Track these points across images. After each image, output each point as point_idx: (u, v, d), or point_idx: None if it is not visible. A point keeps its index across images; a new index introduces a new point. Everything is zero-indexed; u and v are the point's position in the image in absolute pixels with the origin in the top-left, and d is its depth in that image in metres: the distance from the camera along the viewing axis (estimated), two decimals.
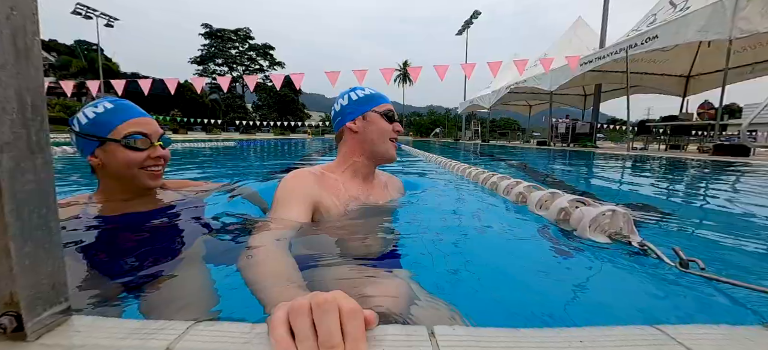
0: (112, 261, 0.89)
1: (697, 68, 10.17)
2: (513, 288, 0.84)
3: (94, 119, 1.04)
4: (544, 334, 0.44)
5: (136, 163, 1.06)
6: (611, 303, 0.78)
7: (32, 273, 0.40)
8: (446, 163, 3.69)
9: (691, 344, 0.43)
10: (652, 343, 0.43)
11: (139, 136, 1.07)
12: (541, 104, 17.66)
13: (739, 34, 5.56)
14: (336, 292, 0.40)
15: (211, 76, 43.61)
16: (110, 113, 1.06)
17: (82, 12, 25.70)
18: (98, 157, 1.05)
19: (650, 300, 0.77)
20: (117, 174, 1.06)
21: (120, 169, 1.05)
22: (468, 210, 1.72)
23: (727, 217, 1.78)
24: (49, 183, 0.42)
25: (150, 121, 1.12)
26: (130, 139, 1.05)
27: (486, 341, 0.43)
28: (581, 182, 3.52)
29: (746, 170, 4.02)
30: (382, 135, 1.27)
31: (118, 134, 1.04)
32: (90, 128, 1.04)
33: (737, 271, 0.96)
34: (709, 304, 0.73)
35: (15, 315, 0.39)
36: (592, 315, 0.74)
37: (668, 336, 0.45)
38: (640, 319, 0.69)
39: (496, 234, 1.27)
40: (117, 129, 1.04)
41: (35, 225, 0.40)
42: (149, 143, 1.09)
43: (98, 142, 1.04)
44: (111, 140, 1.03)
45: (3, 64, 0.36)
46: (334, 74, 8.03)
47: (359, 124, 1.27)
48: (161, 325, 0.44)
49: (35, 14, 0.39)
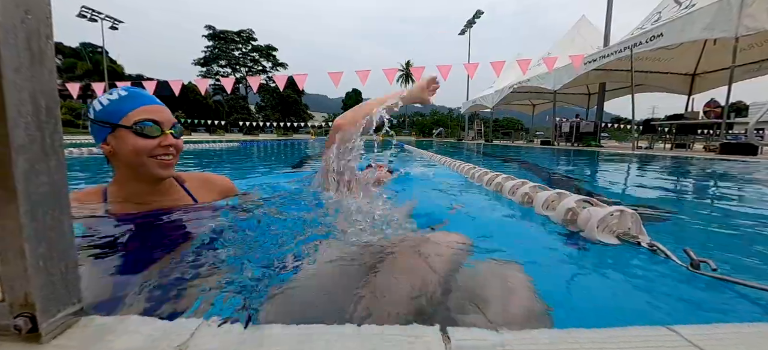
0: (124, 259, 0.89)
1: (703, 66, 10.08)
2: None
3: (107, 106, 1.04)
4: (555, 335, 0.44)
5: (146, 150, 1.04)
6: (621, 304, 0.77)
7: (46, 274, 0.40)
8: (451, 163, 3.68)
9: (704, 345, 0.43)
10: (665, 344, 0.43)
11: (149, 123, 1.04)
12: (545, 103, 17.57)
13: (745, 31, 5.50)
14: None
15: (215, 77, 43.88)
16: (123, 100, 1.05)
17: (87, 15, 25.94)
18: (110, 144, 1.04)
19: (661, 301, 0.76)
20: (127, 161, 1.05)
21: (130, 156, 1.03)
22: (472, 211, 1.71)
23: (736, 217, 1.76)
24: (63, 184, 0.42)
25: (162, 108, 1.10)
26: (140, 126, 1.03)
27: (490, 341, 0.42)
28: (586, 182, 3.50)
29: (754, 169, 3.97)
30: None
31: (129, 120, 1.03)
32: (103, 115, 1.04)
33: (748, 271, 0.95)
34: (721, 305, 0.72)
35: (30, 316, 0.39)
36: (603, 316, 0.74)
37: (681, 337, 0.44)
38: (651, 320, 0.69)
39: (502, 235, 1.26)
40: (128, 115, 1.03)
41: (49, 226, 0.41)
42: (160, 131, 1.06)
43: (110, 129, 1.03)
44: (122, 126, 1.02)
45: (18, 67, 0.36)
46: (336, 75, 8.04)
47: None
48: (172, 325, 0.45)
49: (49, 17, 0.39)
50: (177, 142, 1.11)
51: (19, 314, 0.39)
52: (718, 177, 3.58)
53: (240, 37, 48.17)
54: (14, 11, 0.36)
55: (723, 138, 6.64)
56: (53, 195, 0.41)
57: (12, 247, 0.38)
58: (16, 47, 0.36)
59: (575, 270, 0.97)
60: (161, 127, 1.07)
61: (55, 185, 0.41)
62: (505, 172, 2.12)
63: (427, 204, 1.55)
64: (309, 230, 1.04)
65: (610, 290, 0.83)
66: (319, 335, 0.43)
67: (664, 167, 4.65)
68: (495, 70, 8.60)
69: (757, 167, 4.12)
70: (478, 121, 25.99)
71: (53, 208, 0.41)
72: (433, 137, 27.83)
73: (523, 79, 12.79)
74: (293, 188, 1.80)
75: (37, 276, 0.39)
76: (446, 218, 1.43)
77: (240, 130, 29.79)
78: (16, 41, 0.36)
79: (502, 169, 4.02)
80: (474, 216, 1.59)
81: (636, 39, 7.68)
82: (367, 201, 1.22)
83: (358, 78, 7.99)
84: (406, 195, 1.63)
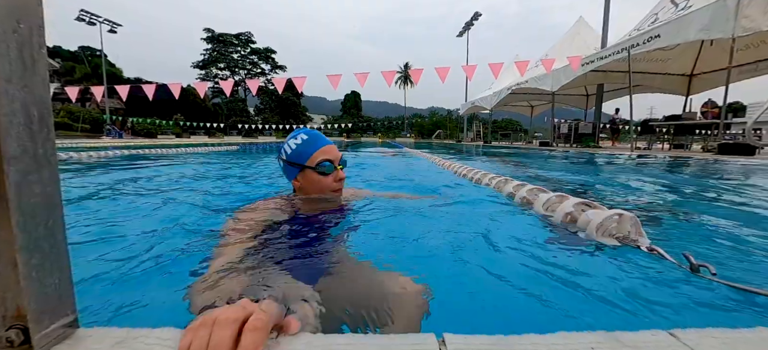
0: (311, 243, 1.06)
1: (700, 67, 10.11)
2: (519, 294, 0.84)
3: (295, 150, 1.28)
4: (553, 340, 0.44)
5: (327, 186, 1.29)
6: (621, 307, 0.77)
7: (39, 285, 0.40)
8: (449, 164, 3.68)
9: (704, 349, 0.42)
10: (664, 348, 0.43)
11: (327, 163, 1.27)
12: (543, 105, 17.59)
13: (741, 32, 5.51)
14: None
15: (214, 80, 43.85)
16: (306, 144, 1.28)
17: (86, 18, 25.93)
18: (299, 181, 1.30)
19: (660, 305, 0.76)
20: (311, 192, 1.30)
21: (313, 190, 1.29)
22: (471, 213, 1.71)
23: (735, 220, 1.76)
24: (56, 194, 0.42)
25: (333, 147, 1.31)
26: (321, 166, 1.26)
27: (488, 347, 0.42)
28: (585, 183, 3.50)
29: (753, 169, 3.98)
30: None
31: (313, 162, 1.26)
32: (293, 157, 1.29)
33: (748, 275, 0.95)
34: (720, 309, 0.72)
35: (22, 329, 0.39)
36: (602, 320, 0.73)
37: (680, 342, 0.44)
38: (651, 324, 0.68)
39: (500, 238, 1.26)
40: (312, 157, 1.26)
41: (42, 237, 0.40)
42: (333, 168, 1.29)
43: (299, 169, 1.28)
44: (308, 167, 1.26)
45: (9, 77, 0.36)
46: (335, 77, 8.04)
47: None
48: (171, 333, 0.44)
49: (41, 27, 0.39)
50: (343, 174, 1.34)
51: (11, 326, 0.39)
52: (717, 179, 3.58)
53: (238, 40, 48.20)
54: (6, 20, 0.36)
55: (721, 138, 6.65)
56: (46, 206, 0.40)
57: (4, 258, 0.38)
58: (8, 57, 0.36)
59: (574, 273, 0.96)
60: (334, 163, 1.29)
61: (48, 195, 0.40)
62: (505, 174, 2.12)
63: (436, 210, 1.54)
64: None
65: (610, 293, 0.83)
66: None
67: (663, 168, 4.66)
68: (493, 72, 8.62)
69: (756, 167, 4.13)
70: (477, 122, 26.03)
71: (46, 219, 0.40)
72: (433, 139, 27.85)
73: (521, 81, 12.82)
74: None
75: (29, 287, 0.39)
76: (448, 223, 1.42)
77: (239, 132, 29.73)
78: (8, 51, 0.36)
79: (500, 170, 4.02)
80: (472, 217, 1.58)
81: (633, 40, 7.69)
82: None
83: (357, 80, 7.99)
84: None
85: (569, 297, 0.82)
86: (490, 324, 0.65)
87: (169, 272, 0.97)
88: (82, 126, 18.14)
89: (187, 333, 0.41)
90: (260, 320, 0.41)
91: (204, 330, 0.40)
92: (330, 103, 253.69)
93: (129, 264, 0.99)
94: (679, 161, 5.46)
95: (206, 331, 0.40)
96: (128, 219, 1.63)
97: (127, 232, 1.36)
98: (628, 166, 5.12)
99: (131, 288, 0.87)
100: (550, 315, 0.73)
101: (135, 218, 1.67)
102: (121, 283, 0.89)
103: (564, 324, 0.69)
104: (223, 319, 0.40)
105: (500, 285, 0.87)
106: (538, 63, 11.79)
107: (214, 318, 0.41)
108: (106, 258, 1.05)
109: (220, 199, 2.20)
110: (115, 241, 1.25)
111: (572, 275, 0.95)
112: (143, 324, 0.46)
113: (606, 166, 5.19)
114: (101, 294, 0.81)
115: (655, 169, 4.55)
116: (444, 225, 1.42)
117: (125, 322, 0.47)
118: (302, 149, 1.28)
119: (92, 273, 0.92)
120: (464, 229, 1.37)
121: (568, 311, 0.75)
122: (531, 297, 0.81)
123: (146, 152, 7.27)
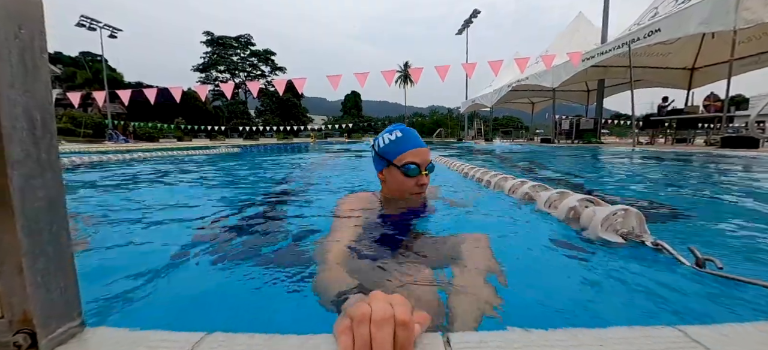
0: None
1: (701, 60, 10.05)
2: (524, 290, 0.83)
3: (387, 144, 1.32)
4: (558, 335, 0.44)
5: (408, 187, 1.31)
6: (627, 303, 0.77)
7: (45, 290, 0.40)
8: (451, 163, 3.68)
9: (711, 344, 0.42)
10: (671, 344, 0.42)
11: (413, 165, 1.29)
12: (544, 101, 17.54)
13: (743, 24, 5.48)
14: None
15: (214, 83, 43.92)
16: (398, 141, 1.31)
17: (86, 24, 26.02)
18: (384, 175, 1.35)
19: (667, 300, 0.75)
20: (392, 188, 1.35)
21: (394, 188, 1.34)
22: (474, 212, 1.70)
23: (740, 213, 1.75)
24: (60, 198, 0.42)
25: (424, 150, 1.32)
26: (407, 168, 1.28)
27: (497, 343, 0.42)
28: (588, 179, 3.49)
29: (757, 162, 3.95)
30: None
31: (400, 161, 1.29)
32: (384, 152, 1.32)
33: (754, 269, 0.94)
34: (727, 303, 0.71)
35: (29, 333, 0.39)
36: (607, 316, 0.73)
37: (688, 337, 0.44)
38: (657, 320, 0.68)
39: (504, 235, 1.26)
40: (400, 156, 1.29)
41: (46, 241, 0.40)
42: (419, 171, 1.30)
43: (386, 164, 1.32)
44: (394, 165, 1.30)
45: (11, 82, 0.36)
46: (335, 78, 8.04)
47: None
48: (175, 336, 0.44)
49: (43, 32, 0.39)
50: (427, 179, 1.35)
51: (18, 330, 0.39)
52: (721, 173, 3.56)
53: (238, 43, 48.25)
54: (7, 26, 0.36)
55: (724, 132, 6.61)
56: (50, 210, 0.40)
57: (10, 264, 0.38)
58: (9, 62, 0.36)
59: (579, 269, 0.96)
60: (420, 168, 1.31)
61: (51, 199, 0.40)
62: (505, 171, 2.11)
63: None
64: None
65: (615, 289, 0.83)
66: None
67: (666, 163, 4.64)
68: (493, 70, 8.59)
69: (759, 160, 4.10)
70: (477, 120, 25.97)
71: (51, 223, 0.41)
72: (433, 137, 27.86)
73: (521, 77, 12.78)
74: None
75: (35, 292, 0.39)
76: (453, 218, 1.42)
77: (240, 134, 29.78)
78: (10, 56, 0.36)
79: (501, 167, 4.01)
80: (475, 215, 1.58)
81: (634, 34, 7.66)
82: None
83: (357, 81, 7.99)
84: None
85: (574, 293, 0.82)
86: (488, 323, 0.65)
87: (175, 274, 0.98)
88: (84, 131, 18.22)
89: (344, 333, 0.42)
90: (408, 315, 0.42)
91: (362, 328, 0.41)
92: (330, 104, 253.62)
93: (135, 266, 0.99)
94: (681, 155, 5.44)
95: (365, 330, 0.41)
96: (134, 223, 1.64)
97: (131, 234, 1.37)
98: (629, 162, 5.10)
99: (138, 289, 0.88)
100: (556, 311, 0.73)
101: (140, 221, 1.67)
102: (127, 284, 0.90)
103: (570, 321, 0.70)
104: (379, 318, 0.41)
105: (504, 282, 0.86)
106: (538, 59, 11.74)
107: (368, 316, 0.41)
108: (112, 260, 1.06)
109: (222, 200, 2.20)
110: (121, 243, 1.25)
111: (577, 271, 0.95)
112: (149, 326, 0.46)
113: (607, 162, 5.17)
114: (108, 295, 0.81)
115: (658, 165, 4.53)
116: (445, 224, 1.41)
117: (132, 323, 0.47)
118: (393, 146, 1.32)
119: (98, 275, 0.92)
120: (464, 228, 1.37)
121: (574, 308, 0.75)
122: (532, 294, 0.81)
123: (148, 156, 7.30)
